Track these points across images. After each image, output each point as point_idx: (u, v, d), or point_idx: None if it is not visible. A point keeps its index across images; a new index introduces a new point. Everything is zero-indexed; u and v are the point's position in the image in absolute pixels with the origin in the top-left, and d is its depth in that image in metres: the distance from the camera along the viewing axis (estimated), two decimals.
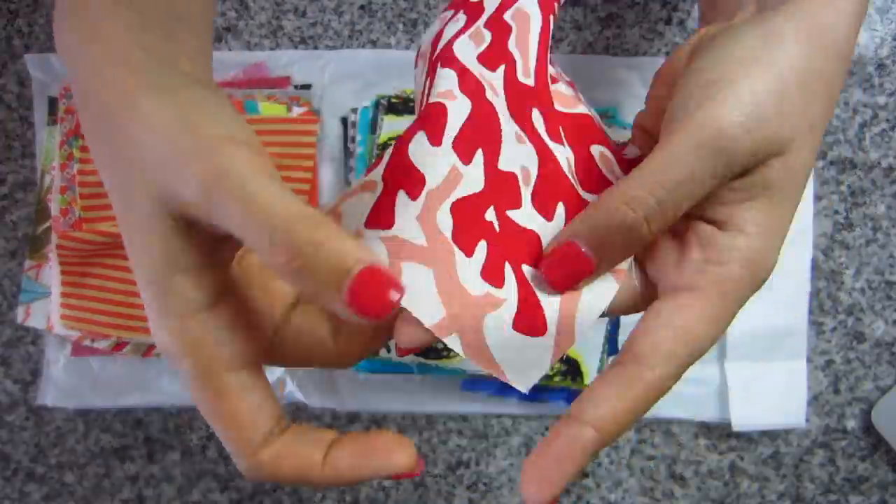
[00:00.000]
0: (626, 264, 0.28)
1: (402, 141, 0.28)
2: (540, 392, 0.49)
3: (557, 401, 0.50)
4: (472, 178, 0.27)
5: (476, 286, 0.26)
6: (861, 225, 0.51)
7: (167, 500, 0.52)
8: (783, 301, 0.50)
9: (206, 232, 0.24)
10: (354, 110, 0.49)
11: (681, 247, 0.27)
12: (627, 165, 0.31)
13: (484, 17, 0.31)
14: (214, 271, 0.25)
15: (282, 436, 0.26)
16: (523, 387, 0.26)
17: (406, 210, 0.27)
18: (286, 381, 0.50)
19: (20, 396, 0.51)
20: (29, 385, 0.51)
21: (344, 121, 0.50)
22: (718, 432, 0.51)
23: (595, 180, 0.30)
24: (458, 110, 0.28)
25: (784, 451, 0.51)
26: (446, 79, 0.29)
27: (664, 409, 0.51)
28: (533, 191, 0.28)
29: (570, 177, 0.29)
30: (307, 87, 0.49)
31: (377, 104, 0.49)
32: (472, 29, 0.30)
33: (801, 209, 0.50)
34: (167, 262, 0.24)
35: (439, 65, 0.29)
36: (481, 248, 0.27)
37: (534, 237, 0.28)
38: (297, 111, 0.48)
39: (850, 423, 0.51)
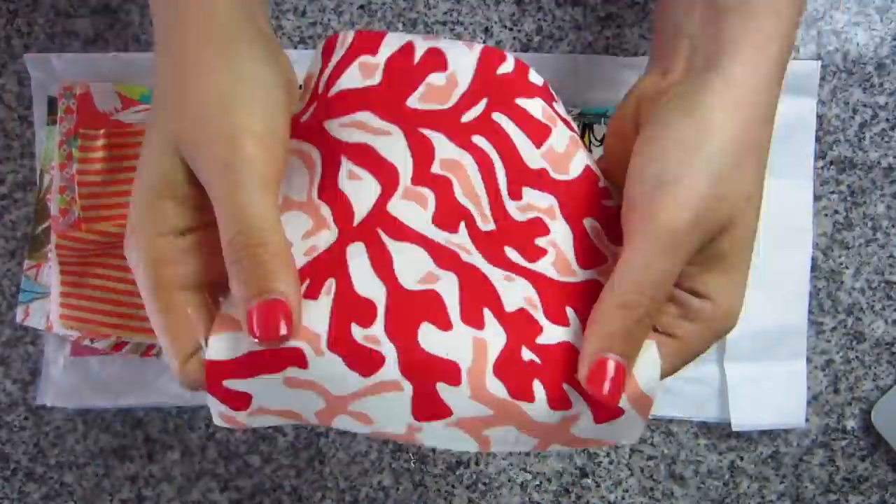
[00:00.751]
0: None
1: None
2: None
3: None
4: (496, 336, 0.29)
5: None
6: (861, 225, 0.51)
7: (167, 500, 0.52)
8: (783, 301, 0.50)
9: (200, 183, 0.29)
10: None
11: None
12: (613, 226, 0.33)
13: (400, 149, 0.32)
14: (198, 208, 0.30)
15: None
16: (633, 440, 0.31)
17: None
18: None
19: (19, 396, 0.51)
20: (28, 385, 0.51)
21: None
22: (718, 432, 0.51)
23: (591, 256, 0.33)
24: (450, 289, 0.29)
25: (784, 451, 0.51)
26: (420, 261, 0.30)
27: (664, 408, 0.51)
28: (544, 311, 0.31)
29: (571, 261, 0.33)
30: None
31: None
32: (402, 189, 0.31)
33: (801, 209, 0.50)
34: (163, 186, 0.29)
35: (397, 239, 0.30)
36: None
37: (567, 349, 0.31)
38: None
39: (850, 423, 0.51)
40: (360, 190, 0.30)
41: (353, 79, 0.33)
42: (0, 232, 0.51)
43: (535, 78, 0.35)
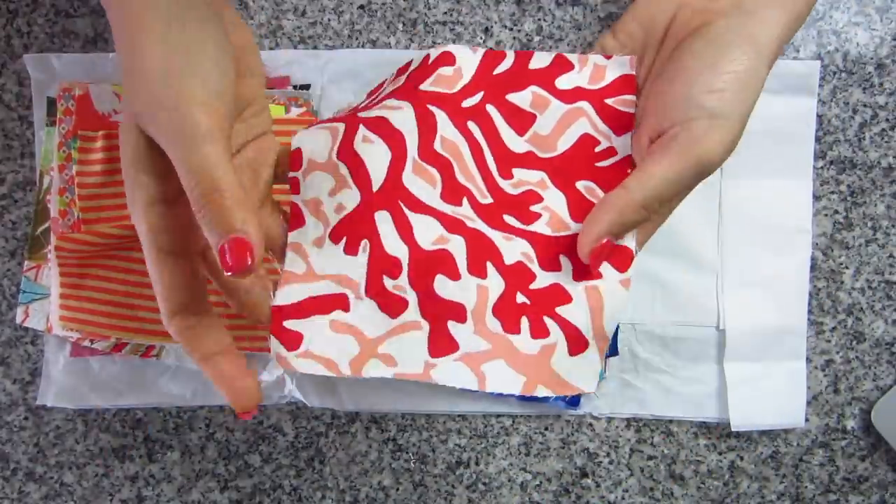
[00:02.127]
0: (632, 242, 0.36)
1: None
2: None
3: (557, 401, 0.50)
4: (496, 285, 0.36)
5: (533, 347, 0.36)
6: (861, 225, 0.51)
7: (167, 500, 0.52)
8: (783, 301, 0.50)
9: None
10: None
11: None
12: (610, 182, 0.37)
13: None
14: (172, 178, 0.32)
15: (195, 315, 0.34)
16: (593, 388, 0.35)
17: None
18: (285, 381, 0.50)
19: (20, 396, 0.51)
20: (28, 385, 0.51)
21: None
22: (718, 432, 0.51)
23: (585, 210, 0.37)
24: (459, 248, 0.36)
25: (784, 451, 0.51)
26: (434, 228, 0.36)
27: (664, 408, 0.51)
28: (539, 263, 0.37)
29: (565, 218, 0.38)
30: (306, 87, 0.49)
31: None
32: (412, 162, 0.37)
33: (801, 209, 0.50)
34: (135, 161, 0.32)
35: (415, 211, 0.37)
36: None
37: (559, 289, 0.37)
38: (295, 112, 0.48)
39: (850, 423, 0.51)
40: (373, 153, 0.36)
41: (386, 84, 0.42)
42: (0, 232, 0.51)
43: (537, 62, 0.39)
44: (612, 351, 0.50)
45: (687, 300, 0.50)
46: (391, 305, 0.35)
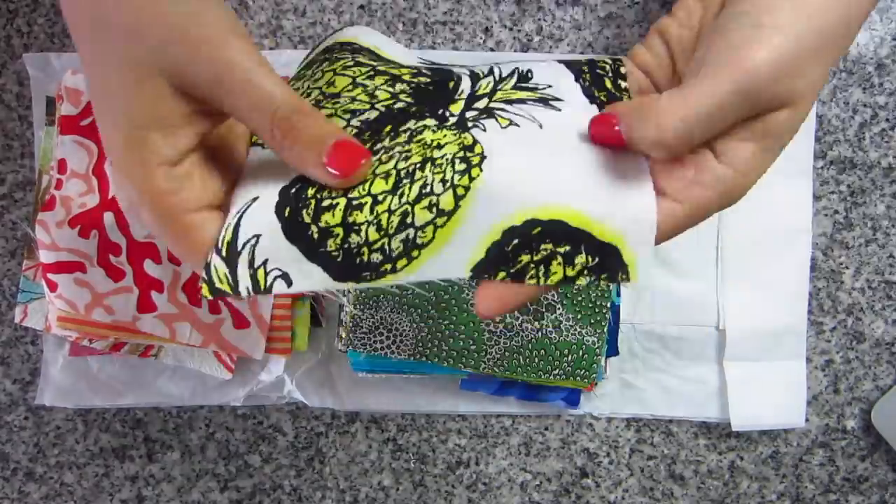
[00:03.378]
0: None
1: None
2: (539, 392, 0.49)
3: (556, 401, 0.50)
4: (186, 271, 0.48)
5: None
6: (861, 225, 0.51)
7: (167, 500, 0.52)
8: (783, 301, 0.50)
9: (199, 104, 0.29)
10: None
11: (680, 161, 0.31)
12: None
13: None
14: (189, 134, 0.30)
15: None
16: (259, 355, 0.47)
17: None
18: (285, 381, 0.50)
19: (19, 396, 0.51)
20: (28, 385, 0.51)
21: None
22: (718, 432, 0.51)
23: None
24: (162, 244, 0.48)
25: (784, 451, 0.51)
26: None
27: (664, 408, 0.51)
28: None
29: None
30: None
31: None
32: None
33: (801, 209, 0.50)
34: (150, 119, 0.29)
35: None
36: None
37: None
38: None
39: (850, 423, 0.51)
40: None
41: None
42: (0, 232, 0.51)
43: None
44: (612, 351, 0.50)
45: (687, 300, 0.50)
46: (114, 274, 0.47)
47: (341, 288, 0.31)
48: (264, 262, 0.31)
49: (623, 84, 0.35)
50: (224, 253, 0.30)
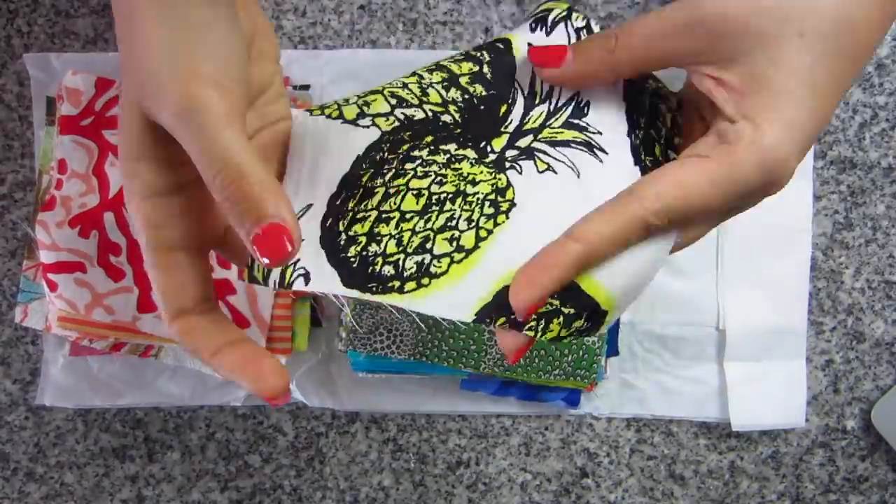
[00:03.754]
0: None
1: None
2: (539, 392, 0.49)
3: (556, 401, 0.50)
4: None
5: None
6: (861, 225, 0.51)
7: (167, 500, 0.52)
8: (783, 301, 0.50)
9: (169, 140, 0.29)
10: None
11: (701, 135, 0.30)
12: None
13: None
14: (176, 167, 0.30)
15: (199, 315, 0.31)
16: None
17: None
18: None
19: (20, 396, 0.51)
20: (28, 385, 0.51)
21: None
22: (718, 432, 0.51)
23: None
24: None
25: (784, 451, 0.51)
26: None
27: (664, 408, 0.51)
28: (217, 259, 0.47)
29: None
30: (306, 87, 0.49)
31: None
32: None
33: (801, 209, 0.50)
34: (135, 150, 0.29)
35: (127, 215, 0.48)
36: None
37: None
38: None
39: (850, 423, 0.51)
40: (115, 173, 0.48)
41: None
42: (0, 232, 0.51)
43: None
44: (612, 351, 0.50)
45: (687, 300, 0.50)
46: (114, 274, 0.47)
47: (347, 295, 0.31)
48: (296, 261, 0.31)
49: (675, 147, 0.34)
50: None
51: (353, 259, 0.31)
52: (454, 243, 0.31)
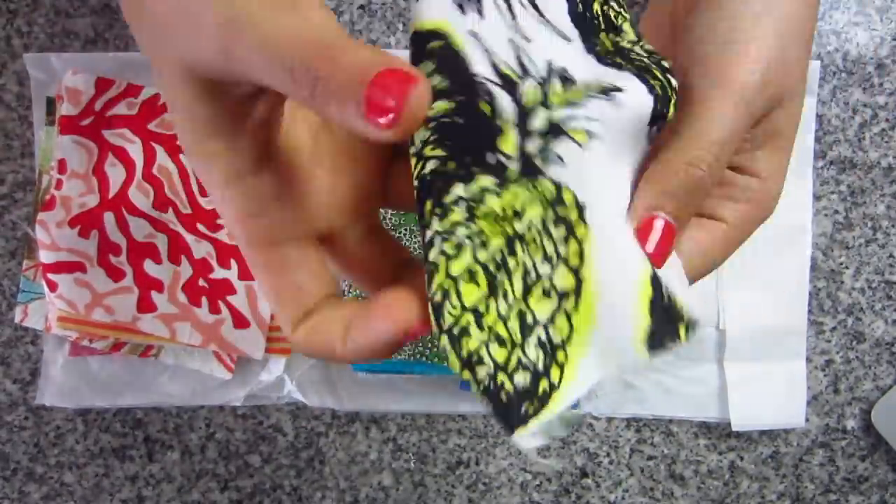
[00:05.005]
0: None
1: None
2: None
3: None
4: (186, 271, 0.49)
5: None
6: (860, 225, 0.51)
7: (167, 500, 0.52)
8: (783, 301, 0.50)
9: (233, 93, 0.23)
10: None
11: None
12: None
13: None
14: (251, 135, 0.23)
15: (318, 313, 0.25)
16: (259, 355, 0.48)
17: None
18: (285, 381, 0.50)
19: (19, 396, 0.51)
20: (28, 385, 0.51)
21: None
22: (718, 432, 0.51)
23: None
24: (162, 242, 0.49)
25: (784, 451, 0.51)
26: (146, 227, 0.48)
27: (664, 408, 0.51)
28: (217, 260, 0.50)
29: None
30: None
31: None
32: (136, 181, 0.49)
33: (801, 209, 0.50)
34: (200, 127, 0.23)
35: (126, 215, 0.49)
36: None
37: None
38: None
39: (850, 423, 0.51)
40: (114, 173, 0.49)
41: (122, 108, 0.49)
42: (0, 232, 0.51)
43: None
44: None
45: None
46: (114, 274, 0.48)
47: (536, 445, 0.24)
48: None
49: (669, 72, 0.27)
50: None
51: (484, 399, 0.24)
52: (552, 293, 0.24)
